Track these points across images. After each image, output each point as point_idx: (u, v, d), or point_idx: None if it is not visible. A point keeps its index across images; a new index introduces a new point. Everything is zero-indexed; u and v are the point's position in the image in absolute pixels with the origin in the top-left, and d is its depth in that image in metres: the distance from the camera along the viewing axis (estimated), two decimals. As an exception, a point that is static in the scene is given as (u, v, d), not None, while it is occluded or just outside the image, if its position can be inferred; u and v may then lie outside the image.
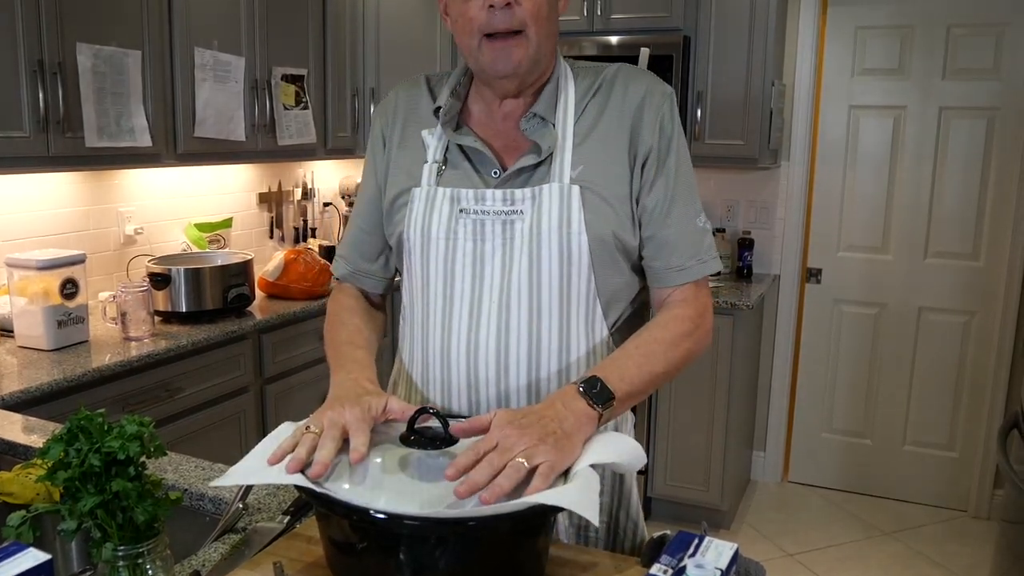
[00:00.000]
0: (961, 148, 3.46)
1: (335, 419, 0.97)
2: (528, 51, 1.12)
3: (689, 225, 1.19)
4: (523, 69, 1.14)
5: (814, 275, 3.77)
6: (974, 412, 3.58)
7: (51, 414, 1.94)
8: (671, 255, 1.18)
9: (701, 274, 1.20)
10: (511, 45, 1.11)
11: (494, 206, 1.16)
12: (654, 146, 1.17)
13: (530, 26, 1.11)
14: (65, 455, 0.84)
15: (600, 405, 1.02)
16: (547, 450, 0.92)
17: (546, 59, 1.17)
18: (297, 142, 3.16)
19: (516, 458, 0.89)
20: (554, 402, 1.01)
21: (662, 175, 1.18)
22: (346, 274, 1.35)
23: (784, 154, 3.67)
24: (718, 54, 3.31)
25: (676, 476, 3.35)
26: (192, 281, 2.59)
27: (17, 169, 2.26)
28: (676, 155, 1.19)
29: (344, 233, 1.38)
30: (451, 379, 1.18)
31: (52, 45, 2.22)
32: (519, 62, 1.12)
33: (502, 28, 1.10)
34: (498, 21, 1.10)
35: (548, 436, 0.93)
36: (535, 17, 1.11)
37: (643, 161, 1.17)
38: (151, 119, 2.53)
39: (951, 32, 3.41)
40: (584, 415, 1.00)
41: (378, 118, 1.31)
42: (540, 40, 1.13)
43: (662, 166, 1.18)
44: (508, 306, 1.14)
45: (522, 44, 1.11)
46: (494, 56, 1.12)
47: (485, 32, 1.11)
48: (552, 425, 0.95)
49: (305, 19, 3.17)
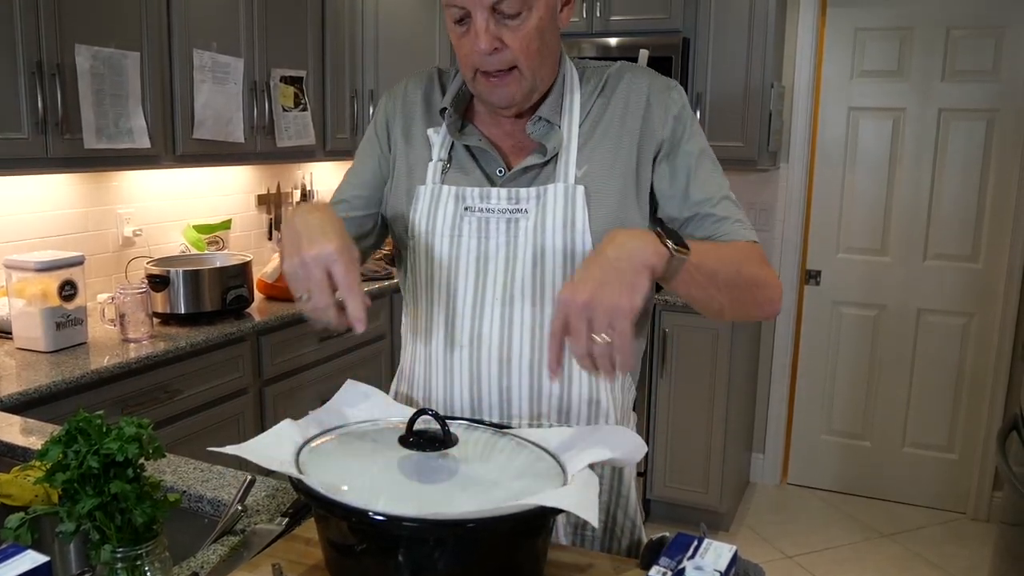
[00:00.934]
0: (960, 150, 3.46)
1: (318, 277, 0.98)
2: (522, 85, 1.12)
3: (723, 203, 1.17)
4: (518, 101, 1.14)
5: (813, 277, 3.77)
6: (973, 414, 3.58)
7: (49, 416, 1.94)
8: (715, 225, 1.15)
9: (751, 236, 1.16)
10: (504, 83, 1.12)
11: (499, 204, 1.16)
12: (668, 138, 1.17)
13: (521, 62, 1.10)
14: (64, 457, 0.84)
15: (673, 245, 0.97)
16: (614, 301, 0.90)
17: (545, 82, 1.17)
18: (296, 144, 3.16)
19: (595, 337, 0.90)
20: (619, 237, 0.97)
21: (680, 158, 1.17)
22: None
23: (783, 156, 3.67)
24: (717, 56, 3.31)
25: (675, 478, 3.35)
26: (191, 283, 2.59)
27: (16, 171, 2.26)
28: (693, 139, 1.18)
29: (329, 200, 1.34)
30: (453, 376, 1.18)
31: (51, 46, 2.22)
32: (513, 96, 1.13)
33: (492, 70, 1.10)
34: (488, 64, 1.10)
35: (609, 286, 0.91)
36: (525, 52, 1.10)
37: (657, 155, 1.17)
38: (150, 120, 2.53)
39: (950, 34, 3.41)
40: (652, 249, 0.95)
41: (384, 104, 1.30)
42: (533, 71, 1.12)
43: (679, 151, 1.17)
44: (511, 304, 1.15)
45: (515, 79, 1.12)
46: (488, 91, 1.13)
47: (478, 69, 1.12)
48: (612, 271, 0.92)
49: (304, 21, 3.17)
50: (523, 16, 1.09)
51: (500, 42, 1.09)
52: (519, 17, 1.08)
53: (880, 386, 3.73)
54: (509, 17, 1.08)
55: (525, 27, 1.09)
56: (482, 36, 1.08)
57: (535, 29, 1.10)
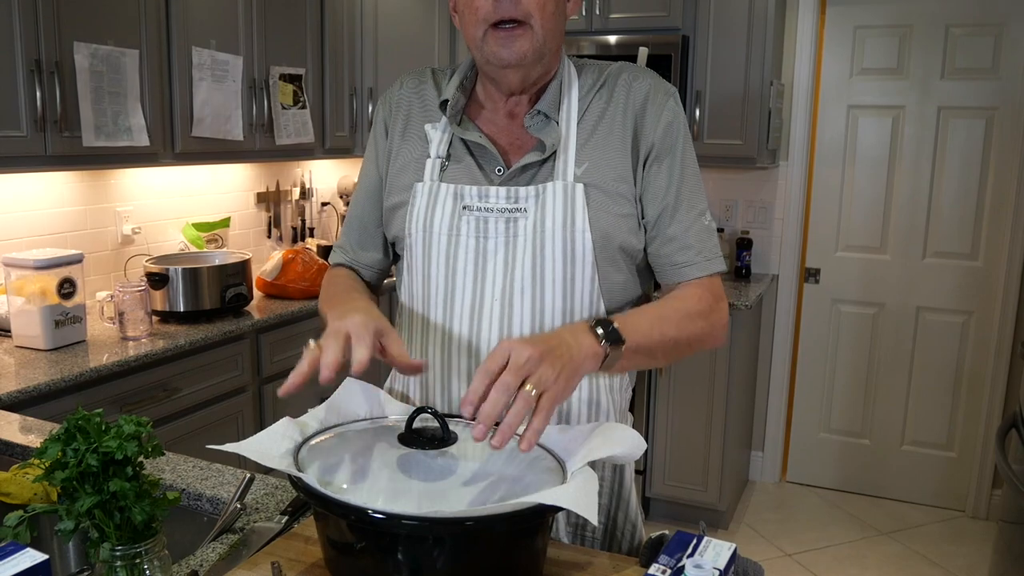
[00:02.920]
0: (960, 148, 3.46)
1: (337, 328, 0.99)
2: (533, 42, 1.11)
3: (695, 223, 1.18)
4: (528, 60, 1.12)
5: (812, 275, 3.77)
6: (972, 412, 3.58)
7: (48, 414, 1.94)
8: (677, 251, 1.18)
9: (707, 271, 1.19)
10: (516, 35, 1.10)
11: (498, 203, 1.15)
12: (657, 143, 1.17)
13: (535, 17, 1.10)
14: (63, 455, 0.84)
15: (608, 343, 1.00)
16: (553, 375, 0.90)
17: (551, 55, 1.16)
18: (295, 141, 3.15)
19: (526, 386, 0.88)
20: (561, 332, 0.99)
21: (667, 172, 1.17)
22: (343, 263, 1.35)
23: (783, 154, 3.67)
24: (717, 54, 3.31)
25: (674, 476, 3.35)
26: (190, 281, 2.59)
27: (14, 169, 2.25)
28: (681, 152, 1.19)
29: (343, 223, 1.38)
30: (451, 377, 1.17)
31: (49, 44, 2.21)
32: (524, 52, 1.11)
33: (507, 16, 1.09)
34: (503, 9, 1.09)
35: (556, 359, 0.92)
36: (540, 8, 1.10)
37: (646, 158, 1.17)
38: (149, 118, 2.53)
39: (950, 32, 3.41)
40: (590, 349, 0.98)
41: (381, 108, 1.30)
42: (545, 33, 1.12)
43: (667, 162, 1.17)
44: (511, 304, 1.14)
45: (527, 34, 1.11)
46: (499, 45, 1.11)
47: (491, 21, 1.10)
48: (560, 350, 0.93)
49: (303, 19, 3.16)
50: None
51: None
52: None
53: (879, 384, 3.73)
54: None
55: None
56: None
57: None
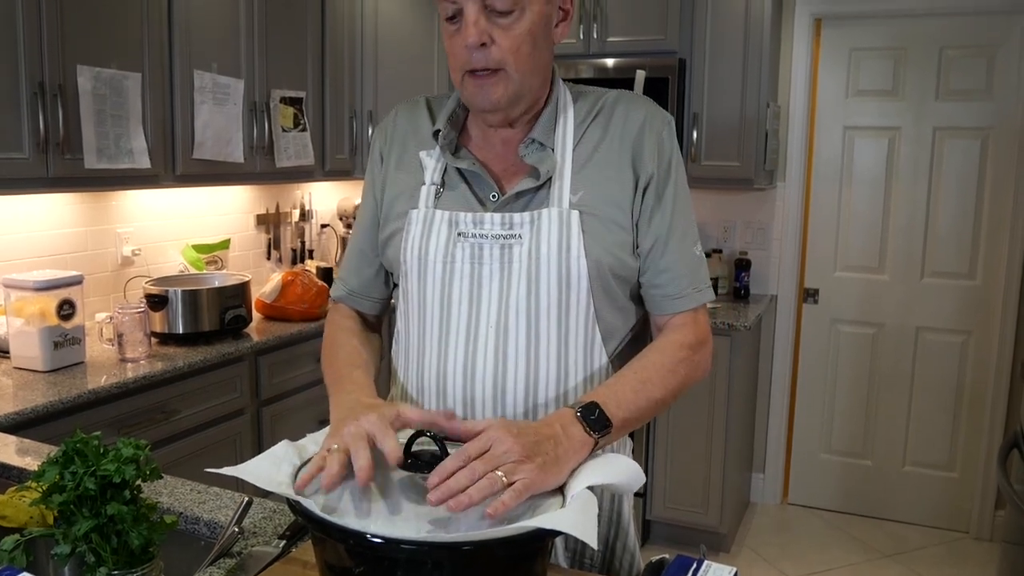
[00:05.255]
0: (956, 168, 3.48)
1: (356, 431, 0.96)
2: (508, 88, 1.12)
3: (687, 254, 1.19)
4: (503, 105, 1.13)
5: (811, 295, 3.77)
6: (974, 432, 3.57)
7: (46, 436, 1.93)
8: (669, 283, 1.18)
9: (698, 302, 1.20)
10: (490, 82, 1.11)
11: (492, 230, 1.15)
12: (654, 173, 1.17)
13: (509, 63, 1.10)
14: (60, 478, 0.84)
15: (597, 432, 1.01)
16: (531, 469, 0.91)
17: (533, 93, 1.16)
18: (295, 164, 3.17)
19: (497, 471, 0.89)
20: (552, 423, 1.00)
21: (662, 203, 1.18)
22: (343, 295, 1.35)
23: (780, 175, 3.69)
24: (713, 76, 3.34)
25: (674, 499, 3.34)
26: (189, 302, 2.59)
27: (16, 191, 2.26)
28: (675, 183, 1.19)
29: (344, 254, 1.38)
30: (447, 403, 1.16)
31: (53, 68, 2.23)
32: (498, 99, 1.12)
33: (479, 66, 1.10)
34: (476, 60, 1.10)
35: (537, 455, 0.93)
36: (514, 54, 1.10)
37: (643, 188, 1.17)
38: (150, 141, 2.54)
39: (944, 53, 3.44)
40: (579, 441, 0.99)
41: (377, 139, 1.31)
42: (522, 76, 1.12)
43: (662, 194, 1.18)
44: (506, 330, 1.13)
45: (501, 81, 1.11)
46: (474, 91, 1.13)
47: (466, 69, 1.11)
48: (546, 445, 0.95)
49: (304, 43, 3.19)
50: (515, 15, 1.09)
51: (489, 38, 1.09)
52: (511, 16, 1.09)
53: (880, 404, 3.72)
54: (500, 15, 1.08)
55: (516, 27, 1.09)
56: (471, 28, 1.08)
57: (527, 32, 1.10)
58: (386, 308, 1.36)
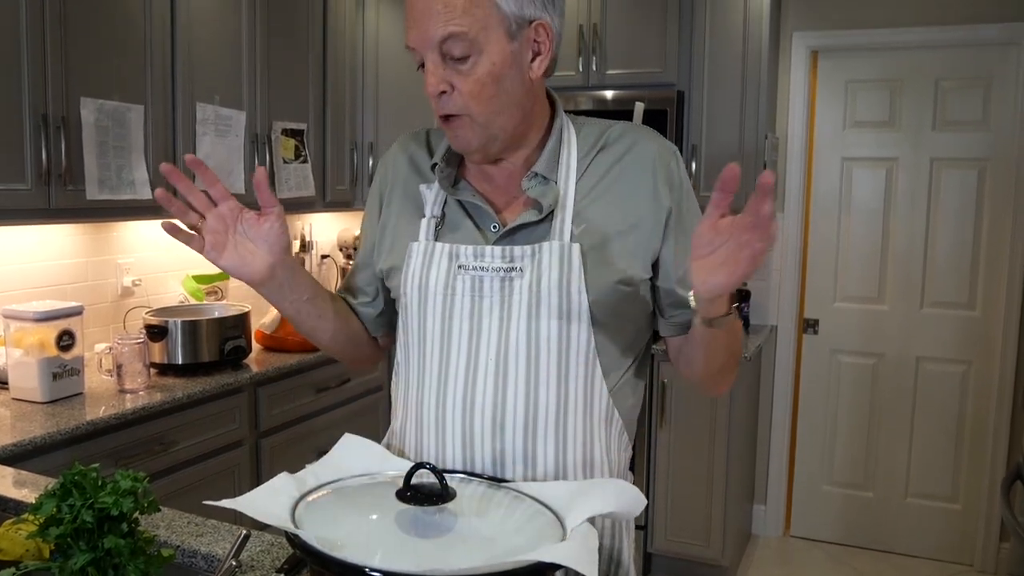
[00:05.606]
0: (953, 198, 3.50)
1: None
2: (475, 131, 1.12)
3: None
4: (475, 147, 1.14)
5: (811, 325, 3.77)
6: (976, 463, 3.55)
7: (44, 468, 1.91)
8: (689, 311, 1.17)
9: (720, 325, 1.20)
10: (457, 126, 1.13)
11: (493, 263, 1.14)
12: (666, 205, 1.17)
13: (471, 108, 1.10)
14: (58, 511, 0.83)
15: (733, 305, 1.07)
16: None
17: (507, 132, 1.15)
18: (296, 195, 3.18)
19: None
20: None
21: (676, 233, 1.18)
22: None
23: (779, 205, 3.70)
24: (711, 108, 3.37)
25: (676, 531, 3.31)
26: (189, 333, 2.59)
27: (17, 221, 2.27)
28: (691, 212, 1.19)
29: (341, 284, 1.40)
30: (445, 437, 1.15)
31: (57, 100, 2.25)
32: (468, 141, 1.13)
33: (443, 113, 1.12)
34: (440, 106, 1.12)
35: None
36: (475, 98, 1.10)
37: (663, 221, 1.17)
38: (152, 172, 2.56)
39: (939, 85, 3.47)
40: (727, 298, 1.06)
41: (378, 172, 1.32)
42: (487, 118, 1.11)
43: (676, 225, 1.18)
44: (506, 364, 1.12)
45: (466, 125, 1.12)
46: (449, 135, 1.15)
47: (438, 114, 1.14)
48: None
49: (305, 75, 3.22)
50: (472, 61, 1.08)
51: (449, 86, 1.09)
52: (467, 62, 1.08)
53: (881, 435, 3.70)
54: (457, 60, 1.08)
55: (475, 73, 1.09)
56: (430, 77, 1.09)
57: (487, 75, 1.09)
58: (377, 327, 1.36)
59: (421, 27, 1.08)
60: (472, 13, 1.06)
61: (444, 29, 1.06)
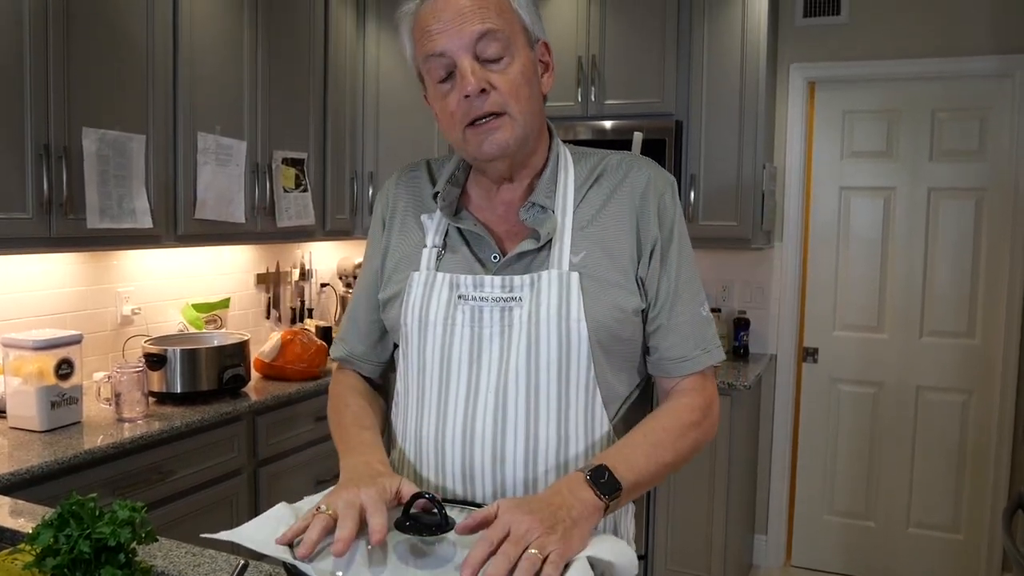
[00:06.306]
0: (951, 227, 3.52)
1: (351, 500, 0.96)
2: (514, 130, 1.12)
3: (694, 315, 1.19)
4: (511, 148, 1.13)
5: (811, 354, 3.77)
6: (977, 492, 3.53)
7: (41, 497, 1.90)
8: (676, 346, 1.18)
9: (706, 364, 1.19)
10: (494, 128, 1.12)
11: (492, 293, 1.15)
12: (658, 236, 1.17)
13: (511, 105, 1.11)
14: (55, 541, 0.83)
15: (607, 496, 1.00)
16: (557, 539, 0.90)
17: (534, 136, 1.17)
18: (296, 224, 3.20)
19: (529, 549, 0.87)
20: (560, 489, 0.99)
21: (666, 265, 1.18)
22: (343, 356, 1.35)
23: (777, 235, 3.72)
24: (710, 138, 3.39)
25: (677, 561, 3.28)
26: (187, 362, 2.58)
27: (18, 250, 2.28)
28: (679, 245, 1.20)
29: (344, 315, 1.39)
30: (445, 468, 1.15)
31: (59, 130, 2.27)
32: (506, 143, 1.12)
33: (480, 113, 1.11)
34: (476, 108, 1.11)
35: (558, 524, 0.92)
36: (514, 96, 1.11)
37: (649, 252, 1.17)
38: (152, 201, 2.57)
39: (936, 116, 3.50)
40: (591, 504, 0.98)
41: (379, 203, 1.33)
42: (525, 118, 1.13)
43: (666, 256, 1.18)
44: (505, 394, 1.12)
45: (506, 124, 1.12)
46: (479, 141, 1.12)
47: (466, 122, 1.12)
48: (561, 513, 0.94)
49: (306, 105, 3.25)
50: (506, 61, 1.11)
51: (488, 84, 1.10)
52: (502, 62, 1.11)
53: (882, 464, 3.68)
54: (492, 62, 1.11)
55: (510, 72, 1.11)
56: (469, 77, 1.09)
57: (520, 75, 1.12)
58: (385, 370, 1.36)
59: (455, 28, 1.10)
60: (503, 16, 1.12)
61: (482, 25, 1.09)
